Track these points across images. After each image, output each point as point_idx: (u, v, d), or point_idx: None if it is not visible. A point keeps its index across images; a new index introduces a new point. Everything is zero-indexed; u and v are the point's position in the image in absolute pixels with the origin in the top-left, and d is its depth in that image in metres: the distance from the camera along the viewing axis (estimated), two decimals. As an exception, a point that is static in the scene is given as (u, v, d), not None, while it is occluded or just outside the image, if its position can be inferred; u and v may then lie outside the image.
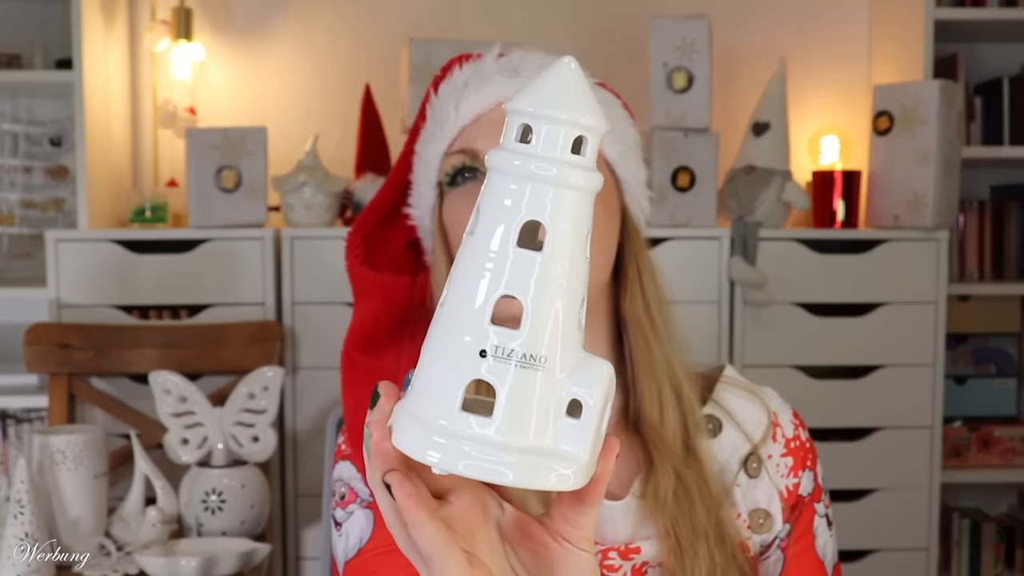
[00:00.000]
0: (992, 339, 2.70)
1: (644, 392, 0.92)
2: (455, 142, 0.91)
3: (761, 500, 0.95)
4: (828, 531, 0.98)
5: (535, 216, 0.51)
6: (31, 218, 2.57)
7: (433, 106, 0.94)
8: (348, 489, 0.97)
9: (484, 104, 0.90)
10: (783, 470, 0.96)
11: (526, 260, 0.51)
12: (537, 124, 0.50)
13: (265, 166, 2.31)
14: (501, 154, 0.52)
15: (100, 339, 2.16)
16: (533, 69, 0.91)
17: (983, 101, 2.74)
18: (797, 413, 1.01)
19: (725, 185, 2.40)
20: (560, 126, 0.50)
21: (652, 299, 0.93)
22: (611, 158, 0.93)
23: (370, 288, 0.96)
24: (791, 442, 0.98)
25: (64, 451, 1.71)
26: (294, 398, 2.26)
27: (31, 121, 2.60)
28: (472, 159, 0.89)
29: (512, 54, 0.94)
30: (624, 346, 0.94)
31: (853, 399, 2.35)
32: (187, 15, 2.56)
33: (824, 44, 2.78)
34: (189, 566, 1.64)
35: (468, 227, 0.55)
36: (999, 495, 2.83)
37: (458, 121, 0.90)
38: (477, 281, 0.52)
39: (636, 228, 0.95)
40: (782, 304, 2.33)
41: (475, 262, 0.52)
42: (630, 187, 0.95)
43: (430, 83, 0.97)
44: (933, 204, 2.31)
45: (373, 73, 2.60)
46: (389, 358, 0.97)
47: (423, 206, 0.96)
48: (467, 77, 0.92)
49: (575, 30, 2.72)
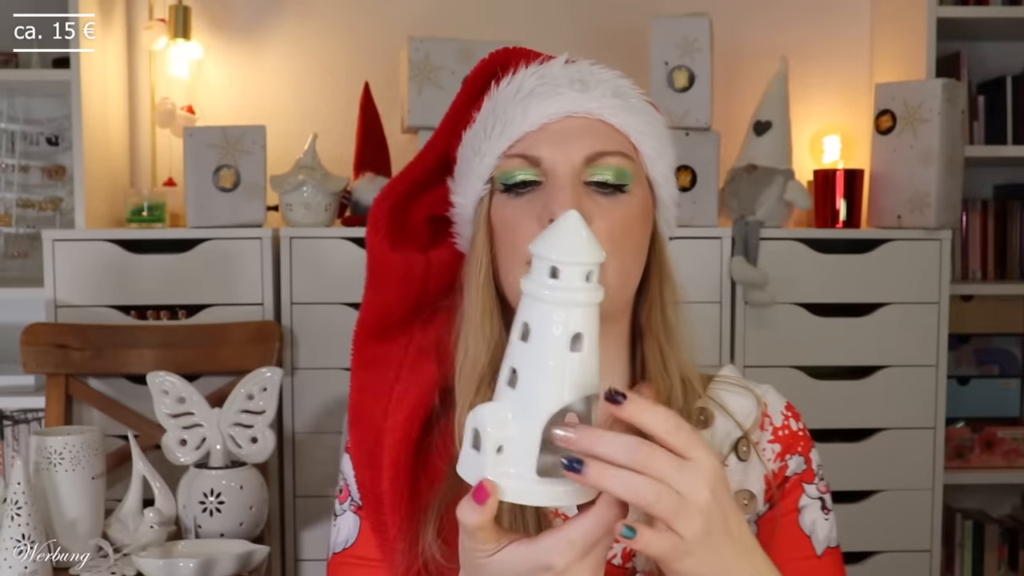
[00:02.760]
0: (995, 339, 2.69)
1: (654, 393, 0.95)
2: (516, 145, 0.92)
3: (747, 482, 0.98)
4: (822, 513, 1.00)
5: (578, 329, 0.71)
6: (28, 218, 2.56)
7: (494, 101, 0.95)
8: (344, 485, 1.01)
9: (552, 114, 0.92)
10: (770, 455, 1.00)
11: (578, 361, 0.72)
12: (564, 268, 0.70)
13: (264, 165, 2.30)
14: (539, 289, 0.71)
15: (98, 339, 2.15)
16: (600, 84, 0.94)
17: (986, 100, 2.73)
18: (791, 406, 1.04)
19: (726, 184, 2.39)
20: (578, 267, 0.71)
21: (671, 311, 0.98)
22: (654, 178, 0.96)
23: (389, 271, 0.97)
24: (779, 431, 1.01)
25: (61, 452, 1.70)
26: (293, 399, 2.25)
27: (28, 120, 2.59)
28: (533, 167, 0.91)
29: (580, 64, 0.96)
30: (637, 350, 0.99)
31: (855, 400, 2.34)
32: (185, 13, 2.55)
33: (826, 43, 2.77)
34: (187, 568, 1.63)
35: (517, 332, 0.72)
36: (1002, 496, 2.82)
37: (523, 126, 0.92)
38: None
39: (663, 245, 1.00)
40: (784, 304, 2.31)
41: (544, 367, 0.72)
42: (664, 207, 0.99)
43: (477, 69, 0.98)
44: (936, 204, 2.30)
45: (372, 72, 2.59)
46: (398, 346, 0.98)
47: (468, 196, 0.97)
48: (535, 83, 0.94)
49: (575, 28, 2.71)
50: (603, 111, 0.92)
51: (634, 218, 0.92)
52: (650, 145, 0.95)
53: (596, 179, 0.91)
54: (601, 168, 0.91)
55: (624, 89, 0.95)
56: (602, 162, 0.91)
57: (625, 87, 0.95)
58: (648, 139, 0.94)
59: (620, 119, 0.93)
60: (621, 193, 0.92)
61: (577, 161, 0.90)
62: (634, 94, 0.96)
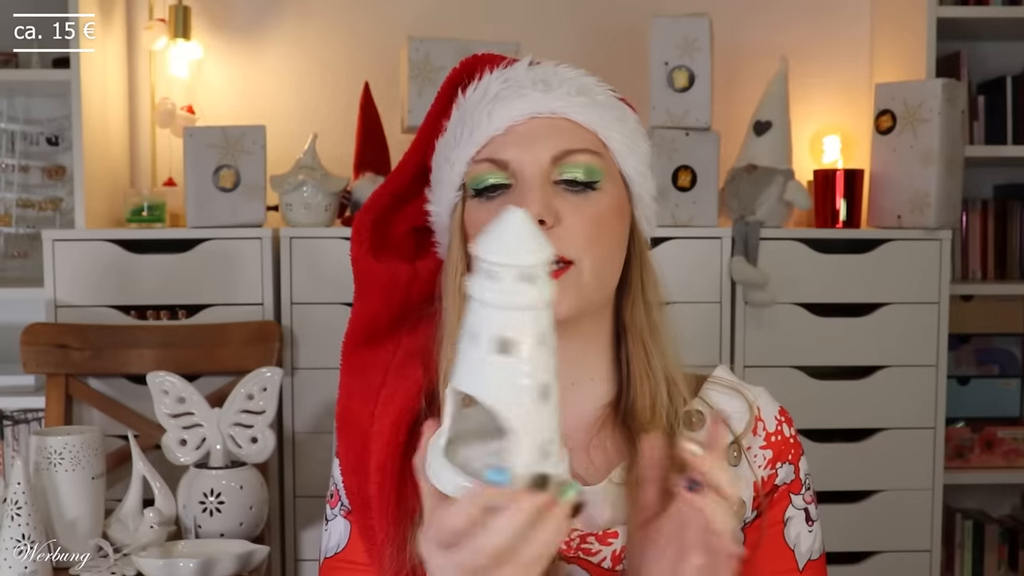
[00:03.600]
0: (995, 339, 2.69)
1: (638, 392, 0.96)
2: (483, 150, 0.93)
3: (736, 488, 0.96)
4: (806, 525, 1.00)
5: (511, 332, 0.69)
6: (28, 218, 2.56)
7: (462, 108, 0.96)
8: (335, 490, 1.02)
9: (517, 116, 0.92)
10: (761, 461, 0.99)
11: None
12: (499, 269, 0.68)
13: (264, 165, 2.30)
14: (474, 291, 0.69)
15: (98, 339, 2.15)
16: (564, 83, 0.94)
17: (986, 100, 2.73)
18: (785, 411, 1.03)
19: (726, 184, 2.39)
20: (513, 268, 0.68)
21: (653, 306, 0.97)
22: (627, 174, 0.96)
23: (372, 280, 0.98)
24: (771, 436, 1.00)
25: (61, 452, 1.70)
26: (293, 399, 2.24)
27: (28, 120, 2.59)
28: (501, 170, 0.92)
29: (544, 65, 0.96)
30: (622, 347, 0.98)
31: (855, 400, 2.34)
32: (185, 13, 2.55)
33: (826, 42, 2.77)
34: (187, 568, 1.63)
35: (467, 336, 0.70)
36: (1002, 496, 2.82)
37: (489, 130, 0.93)
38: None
39: (643, 240, 0.99)
40: (783, 304, 2.31)
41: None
42: (641, 201, 0.98)
43: (448, 79, 0.99)
44: (936, 204, 2.30)
45: (372, 72, 2.59)
46: (386, 352, 0.99)
47: (443, 204, 0.97)
48: (499, 87, 0.94)
49: (575, 28, 2.71)
50: (568, 109, 0.92)
51: (608, 214, 0.92)
52: (619, 140, 0.95)
53: (565, 177, 0.91)
54: (569, 166, 0.91)
55: (589, 86, 0.95)
56: (570, 160, 0.91)
57: (590, 84, 0.96)
58: (617, 135, 0.95)
59: (585, 116, 0.93)
60: (592, 191, 0.92)
61: (544, 161, 0.91)
62: (600, 90, 0.96)
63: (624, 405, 0.97)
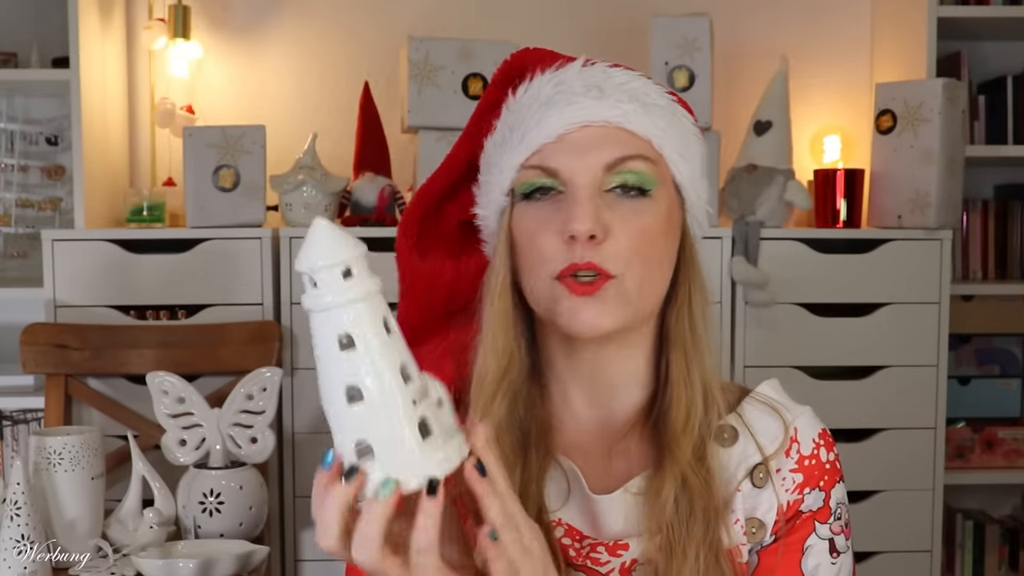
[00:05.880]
0: (996, 339, 2.69)
1: (674, 400, 0.93)
2: (533, 157, 0.91)
3: (759, 510, 0.95)
4: (829, 556, 0.97)
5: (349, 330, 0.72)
6: (27, 217, 2.56)
7: (512, 111, 0.94)
8: None
9: (568, 124, 0.90)
10: (789, 485, 0.95)
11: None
12: (316, 274, 0.71)
13: (263, 165, 2.29)
14: (305, 301, 0.72)
15: (97, 339, 2.15)
16: (617, 88, 0.92)
17: (987, 100, 2.73)
18: (826, 433, 1.00)
19: (727, 184, 2.39)
20: (327, 270, 0.71)
21: (698, 316, 0.95)
22: (680, 181, 0.95)
23: (415, 279, 0.99)
24: (805, 460, 0.97)
25: (61, 452, 1.70)
26: (292, 399, 2.24)
27: (27, 120, 2.59)
28: (550, 178, 0.90)
29: (598, 67, 0.94)
30: (663, 353, 0.96)
31: (855, 400, 2.34)
32: (184, 13, 2.55)
33: (826, 42, 2.76)
34: (187, 568, 1.63)
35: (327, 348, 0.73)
36: (1003, 497, 2.82)
37: (540, 137, 0.91)
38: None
39: (693, 249, 0.97)
40: (784, 304, 2.31)
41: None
42: (693, 207, 0.97)
43: (497, 75, 0.98)
44: (936, 203, 2.30)
45: (372, 71, 2.59)
46: (430, 346, 0.99)
47: (491, 208, 0.96)
48: (551, 91, 0.92)
49: (575, 27, 2.71)
50: (621, 118, 0.90)
51: (658, 225, 0.91)
52: (673, 148, 0.93)
53: (618, 183, 0.89)
54: (623, 173, 0.89)
55: (642, 91, 0.93)
56: (623, 167, 0.90)
57: (643, 88, 0.93)
58: (670, 141, 0.93)
59: (638, 124, 0.91)
60: (645, 198, 0.90)
61: (597, 170, 0.89)
62: (654, 92, 0.94)
63: (657, 411, 0.95)
